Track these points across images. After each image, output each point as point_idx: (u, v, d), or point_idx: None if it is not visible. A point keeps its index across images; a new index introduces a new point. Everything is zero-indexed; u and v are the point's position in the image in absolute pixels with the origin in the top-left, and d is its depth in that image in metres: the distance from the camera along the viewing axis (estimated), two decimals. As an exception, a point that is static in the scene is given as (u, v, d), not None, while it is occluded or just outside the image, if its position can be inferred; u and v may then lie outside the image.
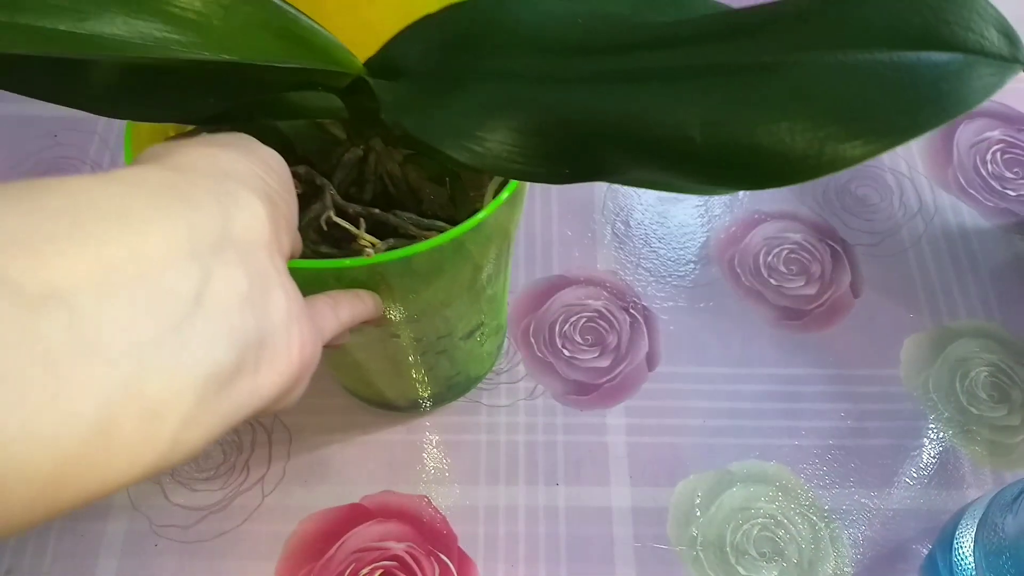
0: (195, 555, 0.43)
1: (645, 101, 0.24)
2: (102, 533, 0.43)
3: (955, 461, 0.47)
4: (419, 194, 0.37)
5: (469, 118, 0.27)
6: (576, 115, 0.26)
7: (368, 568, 0.43)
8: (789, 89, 0.23)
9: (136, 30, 0.24)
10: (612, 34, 0.28)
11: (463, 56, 0.29)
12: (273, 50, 0.27)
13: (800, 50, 0.24)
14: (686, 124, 0.23)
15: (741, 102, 0.23)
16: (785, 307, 0.52)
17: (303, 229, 0.34)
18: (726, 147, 0.23)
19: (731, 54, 0.24)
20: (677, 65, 0.25)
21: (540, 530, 0.44)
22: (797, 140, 0.22)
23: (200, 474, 0.45)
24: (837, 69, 0.23)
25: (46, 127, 0.58)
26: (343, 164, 0.36)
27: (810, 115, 0.22)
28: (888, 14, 0.23)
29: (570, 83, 0.26)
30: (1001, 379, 0.50)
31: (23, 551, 0.43)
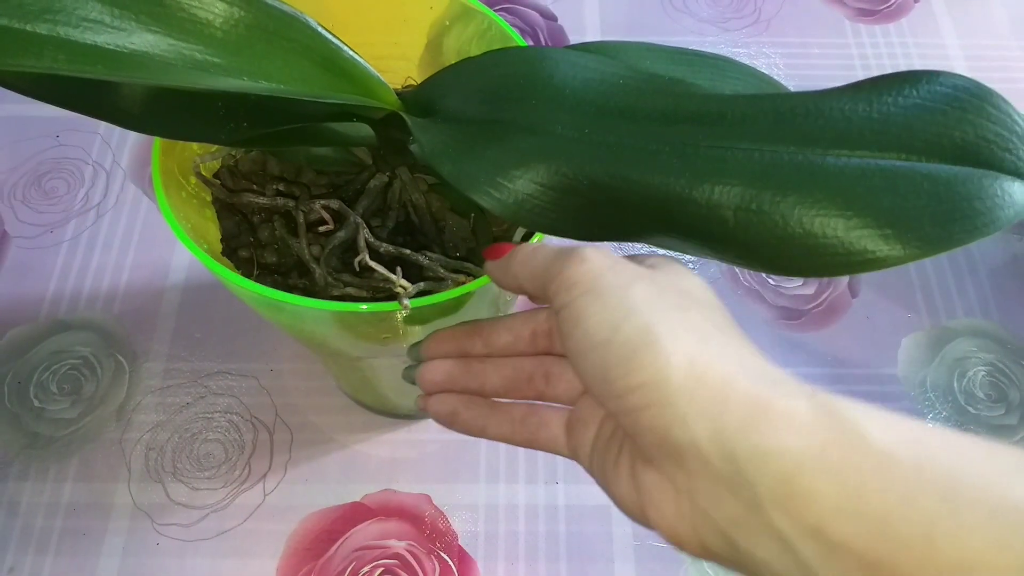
0: (196, 553, 0.43)
1: (684, 176, 0.24)
2: (104, 532, 0.44)
3: (953, 460, 0.47)
4: (440, 223, 0.37)
5: (503, 169, 0.27)
6: (613, 179, 0.25)
7: (369, 566, 0.43)
8: (828, 186, 0.23)
9: (178, 52, 0.24)
10: (656, 101, 0.27)
11: (502, 106, 0.29)
12: (315, 80, 0.27)
13: (842, 148, 0.24)
14: (722, 205, 0.24)
15: (778, 192, 0.23)
16: (784, 307, 0.52)
17: (326, 257, 0.34)
18: (758, 234, 0.23)
19: (774, 142, 0.24)
20: (719, 145, 0.25)
21: (540, 528, 0.44)
22: (830, 237, 0.22)
23: (201, 473, 0.45)
24: (877, 173, 0.23)
25: (48, 127, 0.58)
26: (369, 191, 0.36)
27: (845, 214, 0.22)
28: (931, 124, 0.23)
29: (610, 146, 0.26)
30: (999, 378, 0.50)
31: (26, 549, 0.43)
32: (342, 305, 0.30)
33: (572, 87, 0.28)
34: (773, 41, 0.65)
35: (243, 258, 0.37)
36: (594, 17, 0.65)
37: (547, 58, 0.29)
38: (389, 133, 0.33)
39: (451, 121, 0.30)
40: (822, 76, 0.63)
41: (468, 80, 0.30)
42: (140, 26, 0.23)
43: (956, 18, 0.67)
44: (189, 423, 0.47)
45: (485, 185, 0.26)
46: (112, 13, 0.23)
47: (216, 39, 0.25)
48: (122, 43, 0.23)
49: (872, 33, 0.65)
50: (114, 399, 0.48)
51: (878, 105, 0.24)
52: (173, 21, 0.24)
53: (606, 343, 0.22)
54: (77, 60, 0.22)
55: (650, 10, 0.66)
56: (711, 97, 0.27)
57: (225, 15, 0.25)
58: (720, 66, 0.32)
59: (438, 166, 0.27)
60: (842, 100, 0.25)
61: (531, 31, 0.64)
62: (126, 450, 0.46)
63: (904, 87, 0.24)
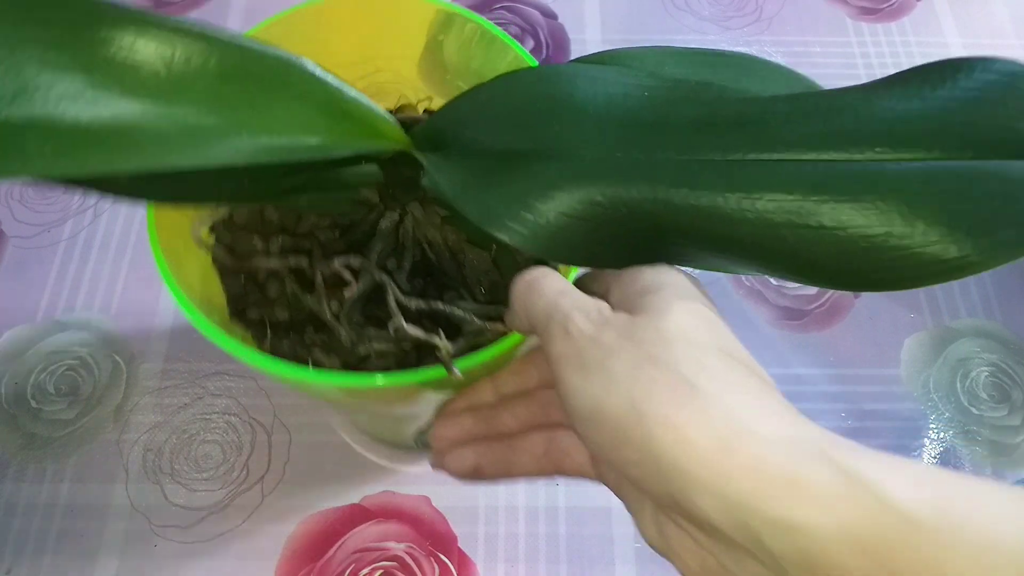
0: (195, 555, 0.43)
1: (733, 193, 0.22)
2: (101, 533, 0.43)
3: (956, 461, 0.47)
4: (459, 257, 0.35)
5: (528, 202, 0.25)
6: (653, 204, 0.23)
7: (368, 568, 0.43)
8: (891, 194, 0.21)
9: (169, 117, 0.22)
10: (688, 110, 0.25)
11: (522, 133, 0.27)
12: (318, 127, 0.26)
13: (901, 150, 0.22)
14: (777, 223, 0.22)
15: (837, 204, 0.21)
16: (786, 307, 0.52)
17: (348, 312, 0.32)
18: (820, 251, 0.21)
19: (825, 148, 0.23)
20: (766, 156, 0.23)
21: (540, 530, 0.44)
22: (899, 249, 0.21)
23: (200, 474, 0.45)
24: (943, 176, 0.21)
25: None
26: (381, 234, 0.33)
27: (913, 223, 0.21)
28: (993, 117, 0.22)
29: (645, 167, 0.24)
30: (1002, 379, 0.49)
31: (23, 551, 0.43)
32: (383, 377, 0.28)
33: (595, 105, 0.26)
34: (775, 40, 0.65)
35: (252, 319, 0.34)
36: (594, 15, 0.65)
37: (564, 76, 0.27)
38: (398, 170, 0.31)
39: (467, 155, 0.28)
40: (824, 74, 0.62)
41: (481, 109, 0.28)
42: (123, 95, 0.21)
43: (958, 16, 0.66)
44: (187, 424, 0.47)
45: (510, 221, 0.25)
46: (90, 83, 0.21)
47: (208, 96, 0.23)
48: (107, 116, 0.21)
49: (874, 31, 0.65)
50: (111, 400, 0.47)
51: (932, 100, 0.22)
52: (158, 83, 0.22)
53: (593, 420, 0.21)
54: (64, 152, 0.20)
55: (651, 8, 0.66)
56: (748, 101, 0.25)
57: (215, 69, 0.23)
58: (743, 64, 0.30)
59: (460, 207, 0.25)
60: (892, 97, 0.23)
61: (531, 29, 0.64)
62: (124, 451, 0.46)
63: (956, 77, 0.22)
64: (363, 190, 0.34)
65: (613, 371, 0.21)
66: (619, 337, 0.21)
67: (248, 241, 0.34)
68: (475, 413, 0.29)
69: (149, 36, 0.22)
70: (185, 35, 0.23)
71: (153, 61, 0.22)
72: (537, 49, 0.63)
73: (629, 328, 0.22)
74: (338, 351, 0.32)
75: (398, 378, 0.28)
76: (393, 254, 0.34)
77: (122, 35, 0.22)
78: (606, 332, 0.22)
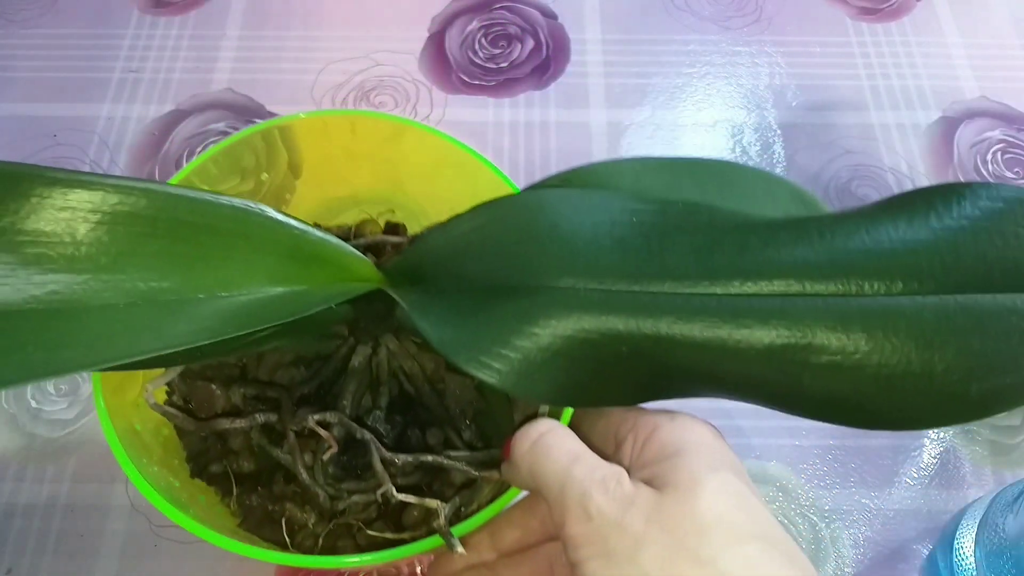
0: (195, 555, 0.43)
1: (739, 331, 0.21)
2: (102, 533, 0.43)
3: (956, 461, 0.47)
4: (439, 387, 0.33)
5: (516, 344, 0.23)
6: (651, 341, 0.22)
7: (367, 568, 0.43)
8: (906, 331, 0.20)
9: (116, 287, 0.19)
10: (682, 239, 0.24)
11: (505, 267, 0.25)
12: (284, 275, 0.24)
13: (912, 283, 0.21)
14: (788, 360, 0.21)
15: (850, 340, 0.20)
16: (785, 307, 0.52)
17: (323, 467, 0.30)
18: (833, 389, 0.20)
19: (833, 280, 0.21)
20: (771, 292, 0.22)
21: (540, 530, 0.44)
22: (918, 393, 0.20)
23: (200, 474, 0.45)
24: (959, 312, 0.20)
25: (45, 127, 0.58)
26: (354, 371, 0.31)
27: (931, 362, 0.20)
28: (1004, 250, 0.21)
29: (642, 301, 0.23)
30: (1002, 379, 0.49)
31: (23, 551, 0.43)
32: (371, 556, 0.26)
33: (581, 236, 0.24)
34: (775, 40, 0.65)
35: (215, 474, 0.32)
36: (594, 15, 0.65)
37: (547, 206, 0.25)
38: (371, 305, 0.29)
39: (447, 291, 0.26)
40: (824, 75, 0.62)
41: (461, 242, 0.26)
42: (60, 268, 0.19)
43: (958, 17, 0.66)
44: (187, 424, 0.47)
45: (490, 359, 0.23)
46: (21, 260, 0.18)
47: (158, 257, 0.21)
48: (45, 297, 0.18)
49: (874, 32, 0.65)
50: (112, 400, 0.47)
51: (941, 231, 0.21)
52: (100, 251, 0.20)
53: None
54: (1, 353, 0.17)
55: (651, 8, 0.66)
56: (747, 227, 0.23)
57: (164, 226, 0.21)
58: (724, 173, 0.28)
59: (440, 347, 0.23)
60: (898, 227, 0.22)
61: (531, 29, 0.64)
62: (124, 451, 0.46)
63: (962, 204, 0.22)
64: (332, 326, 0.32)
65: (645, 566, 0.19)
66: (648, 523, 0.20)
67: (206, 391, 0.31)
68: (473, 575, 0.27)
69: (80, 194, 0.20)
70: (122, 191, 0.20)
71: (88, 225, 0.20)
72: (537, 49, 0.63)
73: (657, 510, 0.20)
74: (312, 503, 0.30)
75: (389, 555, 0.26)
76: (368, 391, 0.32)
77: (46, 200, 0.19)
78: (632, 515, 0.20)
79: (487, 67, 0.62)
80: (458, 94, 0.60)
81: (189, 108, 0.59)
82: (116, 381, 0.29)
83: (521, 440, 0.23)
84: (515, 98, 0.60)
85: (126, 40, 0.62)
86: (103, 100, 0.59)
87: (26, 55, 0.62)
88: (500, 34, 0.64)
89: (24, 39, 0.62)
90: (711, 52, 0.64)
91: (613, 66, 0.62)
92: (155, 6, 0.64)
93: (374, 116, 0.38)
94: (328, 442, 0.29)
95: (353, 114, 0.42)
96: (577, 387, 0.23)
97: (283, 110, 0.59)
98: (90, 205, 0.20)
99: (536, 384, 0.23)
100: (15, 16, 0.63)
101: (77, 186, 0.20)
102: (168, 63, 0.61)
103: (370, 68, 0.61)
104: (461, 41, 0.63)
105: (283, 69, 0.61)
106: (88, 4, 0.64)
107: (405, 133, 0.37)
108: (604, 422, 0.24)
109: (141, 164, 0.57)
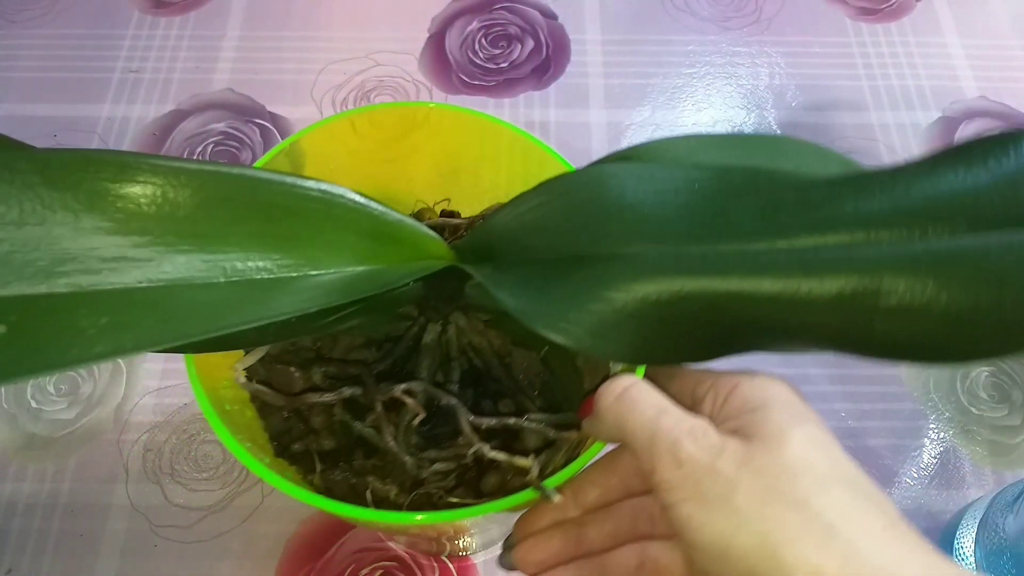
0: (195, 555, 0.43)
1: (808, 282, 0.22)
2: (102, 533, 0.43)
3: (956, 461, 0.47)
4: (506, 360, 0.34)
5: (601, 309, 0.24)
6: (724, 297, 0.23)
7: (368, 568, 0.43)
8: (973, 268, 0.20)
9: (218, 267, 0.21)
10: (745, 201, 0.25)
11: (577, 238, 0.26)
12: (366, 253, 0.25)
13: (977, 225, 0.21)
14: (858, 307, 0.21)
15: (918, 281, 0.21)
16: (785, 307, 0.52)
17: (405, 436, 0.31)
18: (904, 331, 0.21)
19: (896, 227, 0.22)
20: (837, 242, 0.23)
21: (540, 530, 0.44)
22: (987, 323, 0.20)
23: (200, 474, 0.45)
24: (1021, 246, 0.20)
25: (46, 126, 0.58)
26: (427, 348, 0.32)
27: (1000, 294, 0.20)
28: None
29: (713, 260, 0.23)
30: (1001, 379, 0.49)
31: (23, 551, 0.43)
32: (479, 508, 0.27)
33: (649, 203, 0.25)
34: (774, 40, 0.65)
35: (296, 453, 0.33)
36: (595, 15, 0.65)
37: (610, 178, 0.26)
38: (441, 283, 0.30)
39: (520, 264, 0.27)
40: (824, 75, 0.62)
41: (525, 218, 0.27)
42: (167, 249, 0.21)
43: (957, 17, 0.66)
44: (187, 424, 0.47)
45: (591, 336, 0.24)
46: (132, 243, 0.20)
47: (254, 238, 0.22)
48: (155, 276, 0.20)
49: (874, 32, 0.65)
50: (112, 400, 0.47)
51: (999, 172, 0.22)
52: (201, 232, 0.21)
53: (721, 558, 0.20)
54: (122, 325, 0.18)
55: (650, 8, 0.66)
56: (807, 185, 0.24)
57: (258, 208, 0.23)
58: (774, 145, 0.29)
59: (521, 316, 0.24)
60: (957, 172, 0.22)
61: (531, 30, 0.64)
62: (124, 451, 0.46)
63: (1016, 149, 0.22)
64: (403, 307, 0.34)
65: (740, 507, 0.20)
66: (739, 468, 0.21)
67: (285, 373, 0.33)
68: (562, 532, 0.27)
69: (180, 182, 0.21)
70: (218, 177, 0.22)
71: (189, 209, 0.21)
72: (537, 49, 0.63)
73: (747, 457, 0.21)
74: (393, 475, 0.32)
75: (489, 507, 0.27)
76: (440, 367, 0.33)
77: (150, 186, 0.21)
78: (723, 462, 0.21)
79: (487, 67, 0.62)
80: (458, 94, 0.60)
81: (189, 108, 0.59)
82: (205, 367, 0.30)
83: (606, 394, 0.24)
84: (515, 98, 0.60)
85: (126, 40, 0.62)
86: (103, 100, 0.59)
87: (27, 55, 0.62)
88: (500, 34, 0.64)
89: (25, 39, 0.62)
90: (711, 52, 0.64)
91: (613, 66, 0.62)
92: (155, 6, 0.64)
93: (450, 108, 0.39)
94: (416, 409, 0.30)
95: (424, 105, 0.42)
96: (651, 346, 0.24)
97: (283, 110, 0.59)
98: (189, 191, 0.22)
99: (611, 344, 0.24)
100: (16, 16, 0.63)
101: (174, 173, 0.21)
102: (168, 63, 0.61)
103: (370, 68, 0.61)
104: (461, 41, 0.63)
105: (283, 69, 0.61)
106: (89, 4, 0.64)
107: (468, 123, 0.38)
108: (679, 382, 0.25)
109: (141, 164, 0.57)
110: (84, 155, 0.21)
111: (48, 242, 0.19)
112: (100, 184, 0.20)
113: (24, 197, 0.19)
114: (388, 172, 0.39)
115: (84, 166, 0.20)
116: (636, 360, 0.25)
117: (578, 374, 0.34)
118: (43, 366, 0.18)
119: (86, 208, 0.20)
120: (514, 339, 0.34)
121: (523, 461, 0.29)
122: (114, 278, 0.20)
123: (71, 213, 0.20)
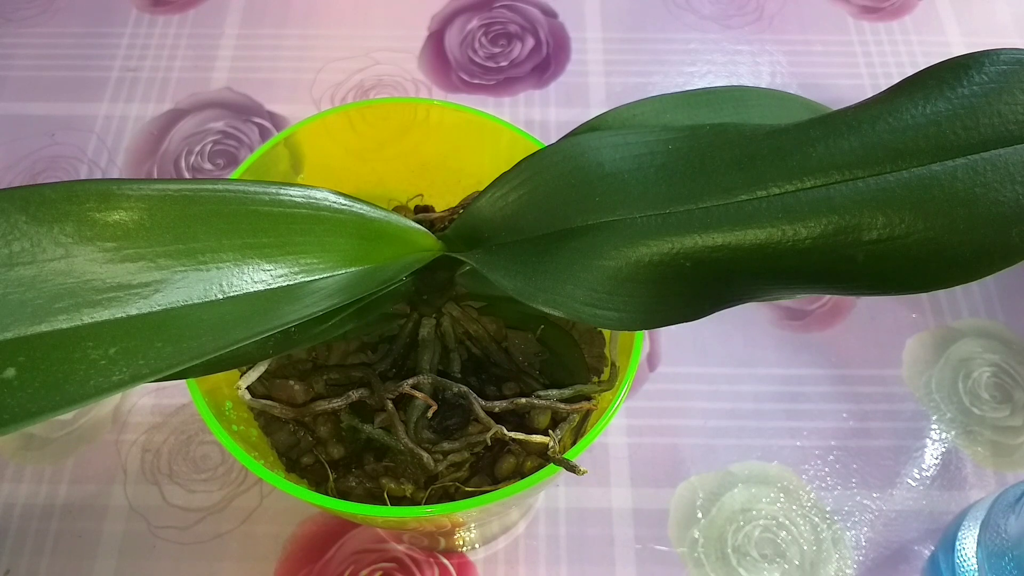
0: (193, 556, 0.43)
1: (793, 226, 0.23)
2: (100, 534, 0.43)
3: (957, 462, 0.47)
4: (504, 344, 0.35)
5: (598, 278, 0.24)
6: (717, 251, 0.24)
7: (368, 569, 0.42)
8: (945, 194, 0.22)
9: (216, 281, 0.21)
10: (719, 154, 0.25)
11: (563, 212, 0.26)
12: (355, 254, 0.26)
13: (945, 154, 0.23)
14: (843, 244, 0.22)
15: (895, 214, 0.22)
16: (787, 307, 0.52)
17: (417, 432, 0.31)
18: (888, 263, 0.22)
19: (870, 165, 0.23)
20: (814, 183, 0.23)
21: (540, 531, 0.44)
22: (961, 245, 0.21)
23: (198, 475, 0.45)
24: (988, 168, 0.22)
25: (43, 126, 0.58)
26: (425, 342, 0.32)
27: (971, 216, 0.21)
28: (1017, 106, 0.23)
29: (700, 217, 0.24)
30: (1004, 379, 0.49)
31: (21, 551, 0.43)
32: (503, 492, 0.27)
33: (628, 169, 0.26)
34: (776, 39, 0.64)
35: (306, 466, 0.33)
36: (595, 14, 0.65)
37: (587, 149, 0.27)
38: (432, 277, 0.31)
39: (510, 245, 0.27)
40: (825, 74, 0.62)
41: (508, 199, 0.28)
42: (163, 272, 0.21)
43: (960, 15, 0.66)
44: (185, 425, 0.46)
45: (589, 306, 0.24)
46: (127, 270, 0.20)
47: (246, 250, 0.23)
48: (155, 301, 0.20)
49: (876, 30, 0.65)
50: (109, 400, 0.47)
51: (956, 100, 0.23)
52: (193, 251, 0.21)
53: None
54: (131, 353, 0.18)
55: (651, 7, 0.66)
56: (777, 132, 0.25)
57: (244, 220, 0.23)
58: (737, 96, 0.30)
59: (527, 299, 0.25)
60: (916, 104, 0.24)
61: (531, 28, 0.64)
62: (122, 452, 0.46)
63: (969, 74, 0.23)
64: (395, 306, 0.34)
65: None
66: None
67: (285, 387, 0.32)
68: None
69: (165, 204, 0.21)
70: (202, 194, 0.22)
71: (178, 229, 0.21)
72: (537, 48, 0.63)
73: None
74: (407, 474, 0.32)
75: (512, 489, 0.27)
76: (440, 360, 0.33)
77: (135, 211, 0.21)
78: None
79: (487, 66, 0.61)
80: (458, 93, 0.60)
81: (188, 107, 0.59)
82: (208, 391, 0.30)
83: None
84: (515, 97, 0.60)
85: (124, 39, 0.62)
86: (101, 99, 0.59)
87: (24, 54, 0.61)
88: (500, 33, 0.63)
89: (22, 38, 0.62)
90: (712, 51, 0.64)
91: (614, 65, 0.62)
92: (153, 5, 0.64)
93: (394, 102, 0.39)
94: (427, 402, 0.30)
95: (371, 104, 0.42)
96: (648, 309, 0.24)
97: (282, 109, 0.59)
98: (176, 211, 0.22)
99: (610, 312, 0.24)
100: (13, 15, 0.63)
101: (158, 195, 0.22)
102: (166, 62, 0.61)
103: (369, 67, 0.61)
104: (461, 40, 0.63)
105: (282, 68, 0.61)
106: (86, 3, 0.64)
107: (429, 113, 0.38)
108: None
109: (140, 163, 0.56)
110: (66, 188, 0.21)
111: (41, 279, 0.19)
112: (86, 215, 0.20)
113: (12, 237, 0.19)
114: (384, 169, 0.39)
115: (68, 198, 0.20)
116: (635, 325, 0.25)
117: (576, 347, 0.35)
118: (65, 401, 0.18)
119: (75, 241, 0.20)
120: (508, 323, 0.35)
121: (542, 439, 0.29)
122: (114, 307, 0.20)
123: (61, 247, 0.20)
